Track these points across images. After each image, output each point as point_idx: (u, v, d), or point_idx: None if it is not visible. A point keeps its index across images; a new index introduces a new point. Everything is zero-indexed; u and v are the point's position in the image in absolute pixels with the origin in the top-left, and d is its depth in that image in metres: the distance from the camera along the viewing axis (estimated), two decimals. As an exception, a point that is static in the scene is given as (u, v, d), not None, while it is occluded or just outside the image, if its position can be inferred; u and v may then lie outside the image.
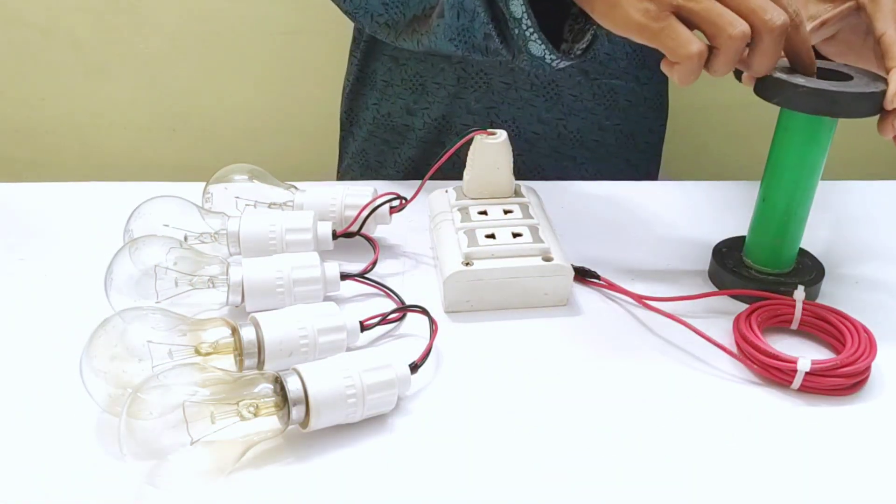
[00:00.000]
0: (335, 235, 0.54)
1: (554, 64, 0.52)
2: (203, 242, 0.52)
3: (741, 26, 0.42)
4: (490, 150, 0.54)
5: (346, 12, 0.62)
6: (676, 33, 0.43)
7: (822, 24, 0.53)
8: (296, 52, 1.30)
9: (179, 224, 0.51)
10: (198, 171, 0.58)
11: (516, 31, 0.50)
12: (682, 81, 0.44)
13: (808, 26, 0.51)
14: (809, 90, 0.45)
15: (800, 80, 0.46)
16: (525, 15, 0.49)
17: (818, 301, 0.53)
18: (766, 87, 0.47)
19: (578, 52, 0.53)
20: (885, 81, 0.47)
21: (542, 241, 0.51)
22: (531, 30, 0.50)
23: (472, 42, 0.54)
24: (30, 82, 1.31)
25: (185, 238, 0.51)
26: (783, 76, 0.46)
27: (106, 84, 1.32)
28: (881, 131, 0.47)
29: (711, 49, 0.43)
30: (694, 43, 0.43)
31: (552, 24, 0.51)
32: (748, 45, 0.43)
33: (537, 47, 0.51)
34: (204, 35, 1.29)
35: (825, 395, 0.44)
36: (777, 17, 0.42)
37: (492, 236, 0.51)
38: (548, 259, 0.50)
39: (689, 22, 0.43)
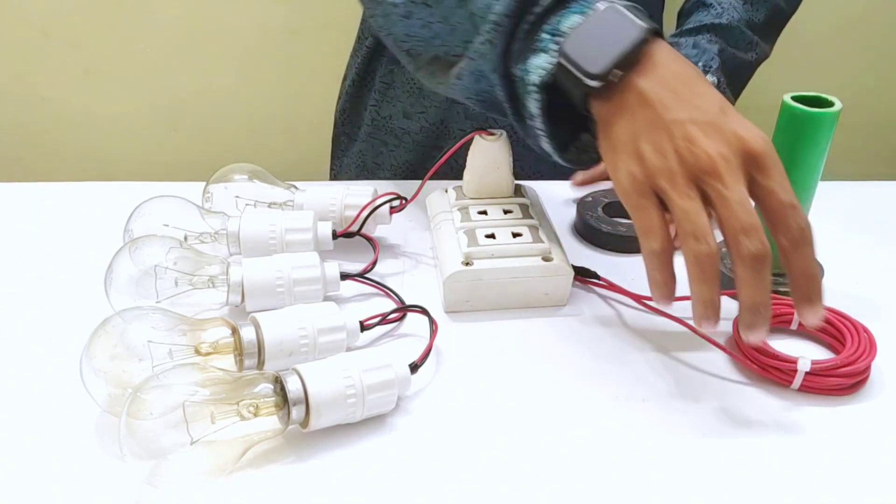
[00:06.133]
0: (335, 235, 0.54)
1: (562, 161, 0.50)
2: (203, 242, 0.52)
3: (705, 247, 0.39)
4: (490, 150, 0.54)
5: (374, 29, 0.58)
6: (649, 219, 0.41)
7: None
8: (296, 52, 1.31)
9: (179, 224, 0.51)
10: (198, 170, 0.58)
11: (529, 122, 0.47)
12: (651, 285, 0.42)
13: None
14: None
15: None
16: (539, 118, 0.46)
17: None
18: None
19: (595, 156, 0.49)
20: None
21: (542, 241, 0.51)
22: (542, 131, 0.47)
23: (492, 104, 0.51)
24: (30, 82, 1.31)
25: (185, 238, 0.51)
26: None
27: (106, 84, 1.32)
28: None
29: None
30: (657, 240, 0.41)
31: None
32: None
33: (547, 146, 0.48)
34: (204, 35, 1.29)
35: (825, 395, 0.44)
36: (750, 246, 0.38)
37: (492, 236, 0.51)
38: (547, 259, 0.50)
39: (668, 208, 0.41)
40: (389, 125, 0.79)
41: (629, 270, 0.56)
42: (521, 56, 0.46)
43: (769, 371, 0.45)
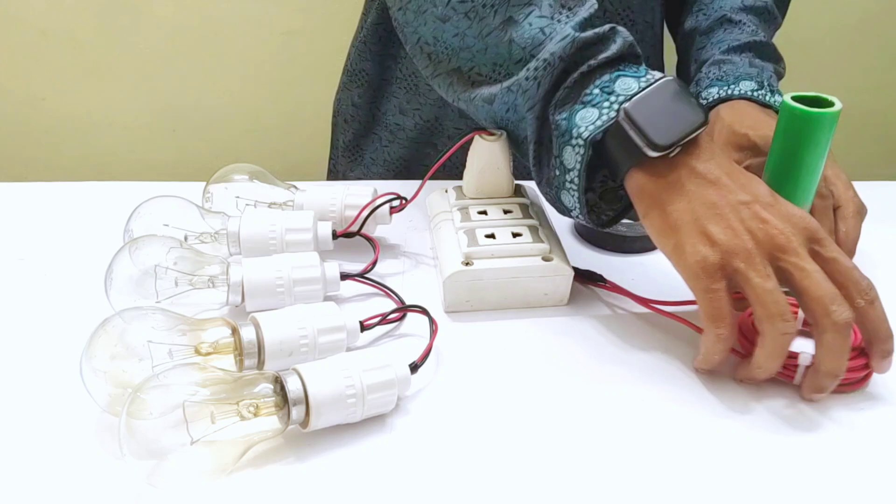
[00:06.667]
0: (335, 235, 0.54)
1: (576, 219, 0.49)
2: (203, 242, 0.52)
3: (791, 327, 0.40)
4: (490, 150, 0.54)
5: (394, 20, 0.57)
6: (720, 305, 0.41)
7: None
8: (295, 52, 1.31)
9: (179, 224, 0.51)
10: (198, 170, 0.58)
11: (557, 172, 0.47)
12: (703, 358, 0.44)
13: None
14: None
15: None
16: (576, 171, 0.45)
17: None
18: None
19: (605, 219, 0.50)
20: None
21: (541, 242, 0.51)
22: (574, 187, 0.46)
23: (512, 133, 0.51)
24: (30, 82, 1.32)
25: (185, 238, 0.51)
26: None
27: (106, 84, 1.32)
28: None
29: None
30: (726, 327, 0.41)
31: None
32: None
33: (571, 201, 0.47)
34: (204, 35, 1.29)
35: None
36: (842, 313, 0.40)
37: (492, 236, 0.51)
38: (547, 259, 0.50)
39: (742, 291, 0.42)
40: (384, 120, 0.79)
41: (629, 271, 0.56)
42: (564, 104, 0.45)
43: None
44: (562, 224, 0.62)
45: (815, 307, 0.40)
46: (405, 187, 0.59)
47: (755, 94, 0.62)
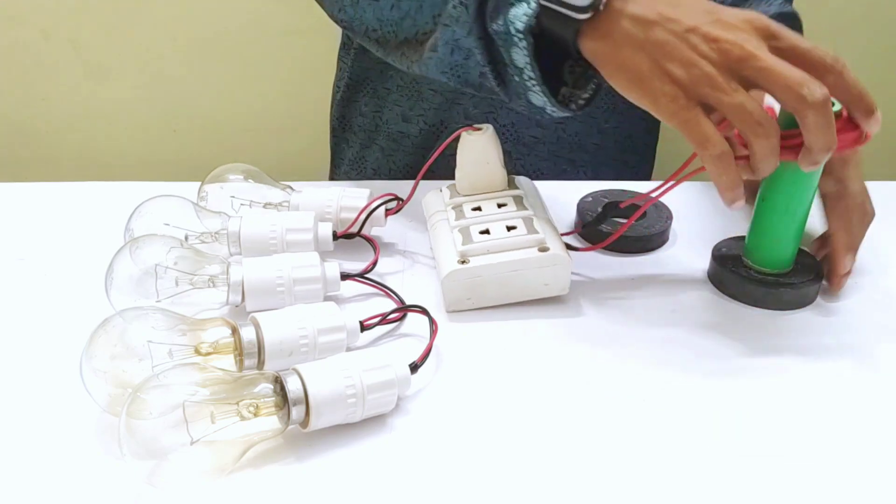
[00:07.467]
0: (335, 236, 0.54)
1: (554, 115, 0.50)
2: (204, 242, 0.52)
3: (771, 127, 0.41)
4: (477, 146, 0.54)
5: (338, 21, 0.59)
6: (700, 129, 0.42)
7: None
8: (295, 52, 1.31)
9: (180, 223, 0.51)
10: (198, 170, 0.58)
11: (517, 78, 0.48)
12: (722, 190, 0.43)
13: None
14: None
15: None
16: (528, 66, 0.46)
17: (815, 303, 0.53)
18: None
19: (581, 103, 0.50)
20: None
21: (536, 232, 0.51)
22: (533, 81, 0.47)
23: (466, 78, 0.52)
24: (30, 82, 1.32)
25: (186, 237, 0.51)
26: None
27: (106, 84, 1.32)
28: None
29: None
30: (714, 146, 0.42)
31: (549, 64, 0.48)
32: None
33: (538, 98, 0.48)
34: (204, 35, 1.29)
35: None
36: (814, 90, 0.40)
37: (486, 232, 0.51)
38: (543, 249, 0.50)
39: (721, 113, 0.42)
40: (387, 129, 0.79)
41: (630, 270, 0.56)
42: (497, 13, 0.46)
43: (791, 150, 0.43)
44: (562, 224, 0.62)
45: (787, 96, 0.41)
46: (401, 187, 0.59)
47: None
